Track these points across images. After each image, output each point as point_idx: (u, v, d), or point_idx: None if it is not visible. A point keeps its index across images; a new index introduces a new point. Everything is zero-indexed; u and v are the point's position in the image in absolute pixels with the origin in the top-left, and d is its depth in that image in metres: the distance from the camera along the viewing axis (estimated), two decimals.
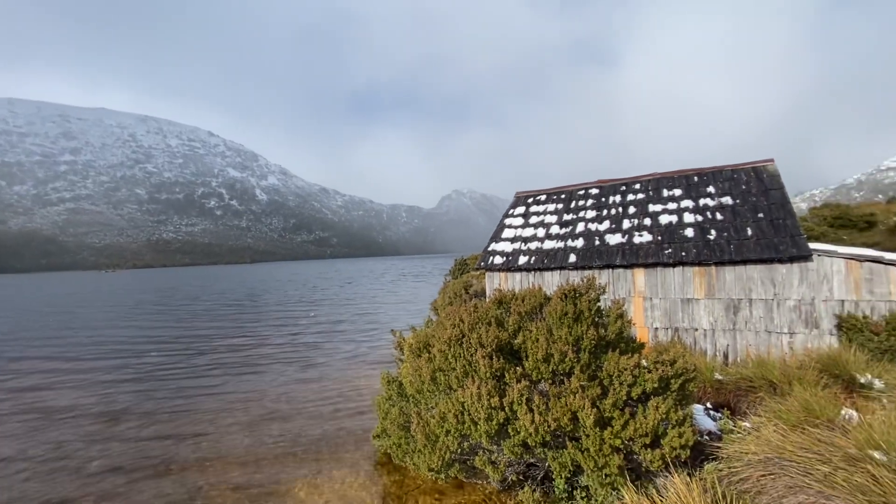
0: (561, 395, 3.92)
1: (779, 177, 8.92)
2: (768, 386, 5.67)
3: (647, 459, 3.48)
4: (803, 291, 7.15)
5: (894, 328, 6.07)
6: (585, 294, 4.72)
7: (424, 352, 5.30)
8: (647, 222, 9.26)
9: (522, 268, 10.12)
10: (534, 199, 12.43)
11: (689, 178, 10.04)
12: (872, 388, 5.54)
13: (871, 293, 6.71)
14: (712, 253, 7.80)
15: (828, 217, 17.58)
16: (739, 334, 7.62)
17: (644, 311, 8.47)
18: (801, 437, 3.68)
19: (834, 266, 6.96)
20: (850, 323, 6.49)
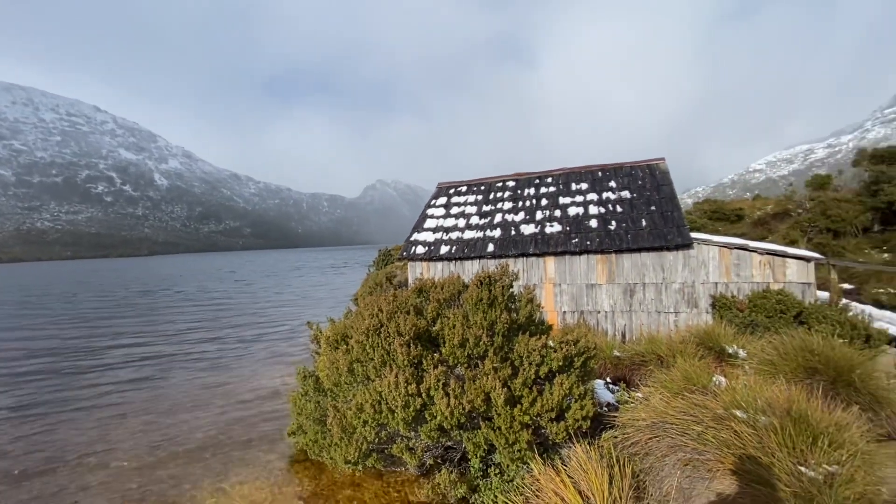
0: (476, 377, 4.05)
1: (668, 174, 9.99)
2: (657, 360, 6.38)
3: (552, 432, 3.73)
4: (686, 275, 8.13)
5: (755, 305, 7.15)
6: (499, 281, 4.90)
7: (342, 344, 5.16)
8: (558, 214, 9.87)
9: (444, 257, 10.26)
10: (455, 190, 12.63)
11: (595, 173, 10.86)
12: (738, 357, 6.47)
13: (738, 276, 7.83)
14: (613, 242, 8.55)
15: (707, 211, 20.15)
16: (635, 315, 8.47)
17: (554, 296, 9.05)
18: (681, 402, 4.18)
19: (710, 253, 8.00)
20: (722, 302, 7.52)
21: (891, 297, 9.75)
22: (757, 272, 7.69)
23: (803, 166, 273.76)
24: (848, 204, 14.39)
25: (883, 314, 8.97)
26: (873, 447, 3.37)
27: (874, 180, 14.58)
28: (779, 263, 7.56)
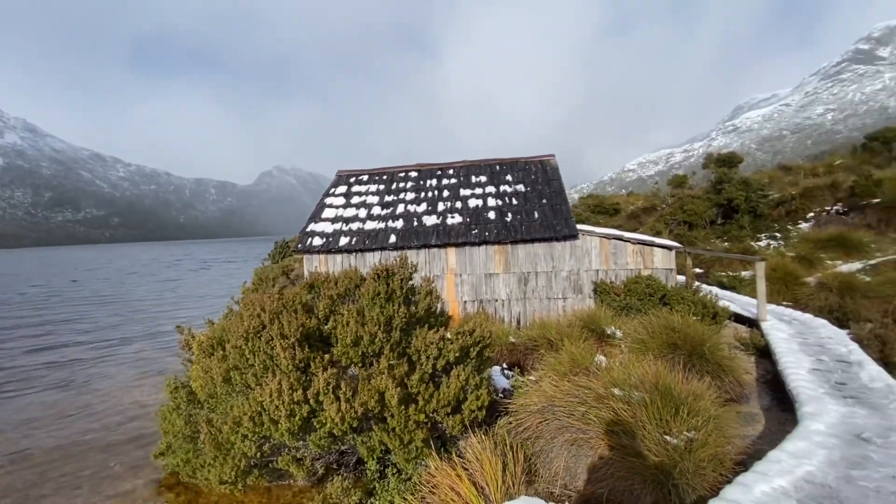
0: (371, 377, 3.83)
1: (558, 170, 10.66)
2: (548, 344, 6.77)
3: (449, 426, 3.68)
4: (572, 264, 8.77)
5: (629, 290, 7.96)
6: (398, 273, 4.71)
7: (217, 350, 4.55)
8: (459, 205, 9.97)
9: (344, 249, 9.76)
10: (356, 178, 12.10)
11: (493, 166, 11.19)
12: (615, 337, 7.13)
13: (615, 263, 8.65)
14: (509, 233, 8.88)
15: (590, 205, 22.23)
16: (529, 302, 8.94)
17: (455, 286, 9.16)
18: (568, 385, 4.43)
19: (592, 243, 8.72)
20: (602, 288, 8.25)
21: (730, 278, 11.66)
22: (630, 260, 8.59)
23: (665, 167, 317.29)
24: (699, 200, 16.91)
25: (724, 293, 10.65)
26: (722, 411, 3.88)
27: (718, 180, 17.31)
28: (647, 252, 8.53)
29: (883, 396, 4.19)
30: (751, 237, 15.20)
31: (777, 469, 3.01)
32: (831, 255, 11.74)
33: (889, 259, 9.71)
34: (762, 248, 14.11)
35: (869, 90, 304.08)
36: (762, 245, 14.54)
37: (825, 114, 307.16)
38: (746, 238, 15.06)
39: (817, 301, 8.99)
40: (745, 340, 7.06)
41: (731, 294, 10.43)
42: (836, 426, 3.66)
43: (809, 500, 2.68)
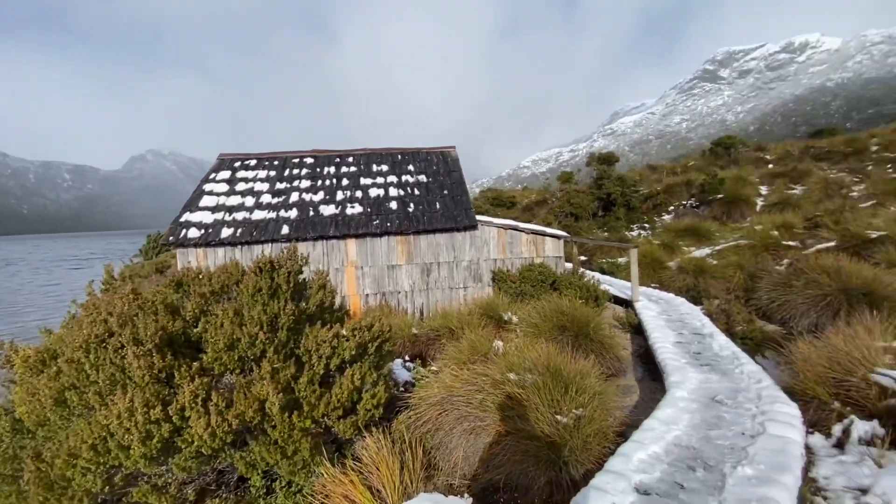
0: (251, 384, 3.38)
1: (458, 161, 10.77)
2: (449, 333, 6.78)
3: (341, 430, 3.40)
4: (473, 254, 8.94)
5: (523, 277, 8.34)
6: (284, 266, 4.25)
7: (50, 365, 3.68)
8: (359, 195, 9.55)
9: (227, 241, 8.75)
10: (242, 163, 10.93)
11: (394, 155, 10.92)
12: (512, 323, 7.40)
13: (511, 252, 9.01)
14: (411, 223, 8.73)
15: (490, 198, 23.16)
16: (431, 293, 8.91)
17: (356, 279, 8.77)
18: (467, 373, 4.42)
19: (491, 233, 8.96)
20: (500, 276, 8.53)
21: (609, 264, 12.96)
22: (525, 249, 9.02)
23: (555, 165, 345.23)
24: (583, 195, 18.55)
25: (604, 278, 11.78)
26: (605, 386, 4.17)
27: (599, 177, 19.13)
28: (540, 241, 9.03)
29: (730, 363, 4.88)
30: (625, 227, 17.08)
31: (651, 436, 3.29)
32: (687, 242, 13.66)
33: (730, 245, 11.59)
34: (634, 237, 15.94)
35: (713, 104, 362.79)
36: (634, 234, 16.43)
37: (681, 122, 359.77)
38: (622, 228, 16.89)
39: (677, 282, 10.36)
40: (621, 319, 7.83)
41: (609, 278, 11.55)
42: (696, 391, 4.16)
43: (678, 463, 2.96)
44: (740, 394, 4.03)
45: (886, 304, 6.59)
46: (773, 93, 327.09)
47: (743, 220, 14.92)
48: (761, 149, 22.90)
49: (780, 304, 7.68)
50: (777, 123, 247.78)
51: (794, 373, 4.22)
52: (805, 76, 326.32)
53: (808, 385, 3.92)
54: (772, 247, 11.01)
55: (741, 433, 3.31)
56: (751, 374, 4.44)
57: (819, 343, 4.45)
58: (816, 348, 4.32)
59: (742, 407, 3.75)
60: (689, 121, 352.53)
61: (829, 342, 4.43)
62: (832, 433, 3.53)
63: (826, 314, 6.92)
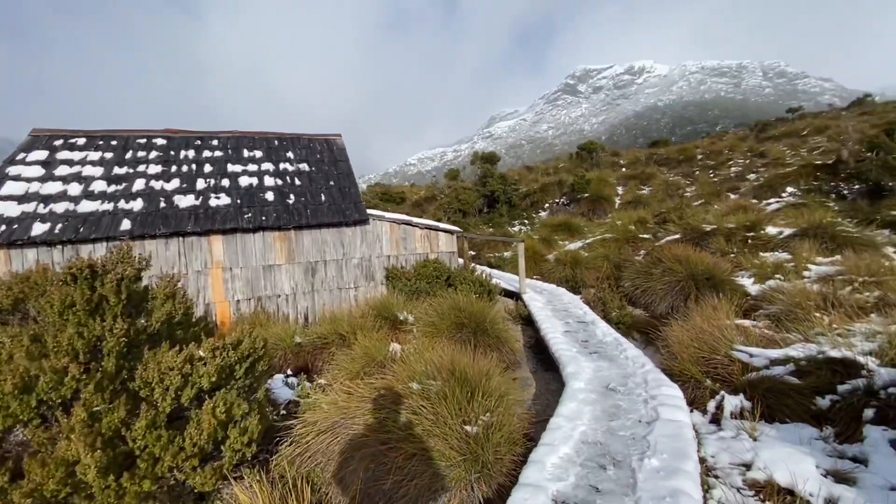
0: (55, 440, 2.39)
1: (345, 150, 9.98)
2: (339, 339, 6.10)
3: (198, 483, 2.61)
4: (364, 250, 8.31)
5: (419, 273, 8.00)
6: (113, 271, 3.20)
7: None
8: (226, 183, 8.20)
9: (39, 240, 6.77)
10: (66, 141, 8.64)
11: (271, 141, 9.68)
12: (408, 323, 7.00)
13: (405, 248, 8.60)
14: (292, 217, 7.75)
15: (378, 193, 22.48)
16: (318, 295, 8.05)
17: (224, 283, 7.49)
18: (363, 388, 3.87)
19: (383, 228, 8.44)
20: (394, 273, 8.07)
21: (496, 259, 13.39)
22: (419, 245, 8.69)
23: (440, 164, 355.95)
24: (469, 191, 19.03)
25: (492, 272, 12.10)
26: (509, 386, 4.00)
27: (483, 175, 19.81)
28: (434, 236, 8.79)
29: (614, 349, 5.15)
30: (508, 223, 17.96)
31: (560, 436, 3.16)
32: (561, 236, 14.81)
33: (597, 238, 12.83)
34: (516, 233, 16.82)
35: (574, 115, 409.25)
36: (516, 230, 17.35)
37: (548, 130, 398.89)
38: (505, 224, 17.71)
39: (557, 273, 11.07)
40: (512, 312, 7.99)
41: (497, 272, 11.90)
42: (592, 381, 4.23)
43: (589, 463, 2.86)
44: (629, 379, 4.21)
45: (725, 287, 7.78)
46: (619, 108, 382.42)
47: (605, 216, 16.74)
48: (616, 154, 26.18)
49: (643, 290, 8.62)
50: (622, 135, 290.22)
51: (671, 354, 4.58)
52: (642, 96, 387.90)
53: (685, 366, 4.26)
54: (631, 239, 12.45)
55: (639, 420, 3.38)
56: (634, 358, 4.71)
57: (687, 325, 4.91)
58: (686, 331, 4.75)
59: (634, 393, 3.89)
60: (555, 129, 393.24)
61: (695, 324, 4.92)
62: (707, 409, 3.84)
63: (679, 297, 7.94)
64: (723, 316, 6.41)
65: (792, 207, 12.55)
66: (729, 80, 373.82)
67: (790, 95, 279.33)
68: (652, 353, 5.67)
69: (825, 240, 9.14)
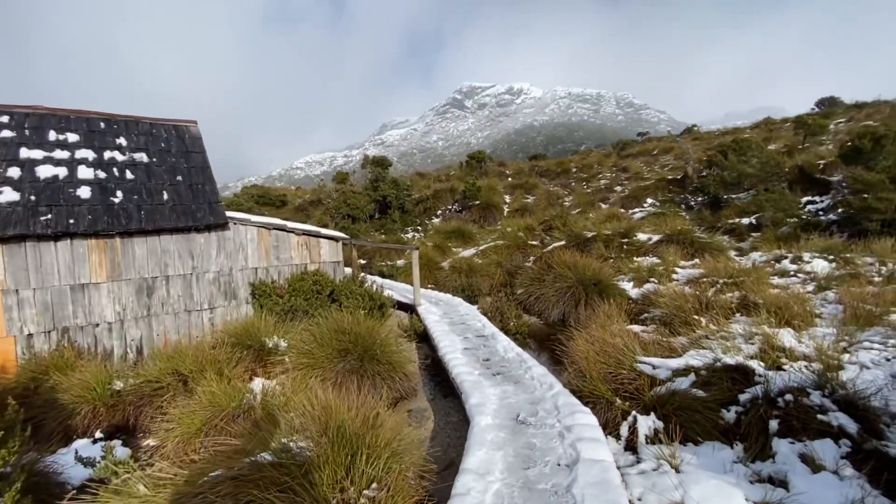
0: None
1: (201, 140, 8.20)
2: (178, 381, 4.63)
3: None
4: (222, 262, 6.75)
5: (294, 289, 6.73)
6: None
7: None
8: (16, 173, 6.00)
9: None
10: None
11: (94, 122, 7.48)
12: (278, 350, 5.73)
13: (278, 259, 7.24)
14: (116, 220, 5.92)
15: (254, 195, 19.97)
16: (156, 320, 6.27)
17: (4, 311, 5.35)
18: (199, 461, 2.68)
19: (248, 234, 6.98)
20: (262, 289, 6.67)
21: (388, 267, 12.49)
22: (296, 253, 7.39)
23: (330, 168, 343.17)
24: (360, 195, 17.85)
25: (385, 282, 11.19)
26: (403, 433, 3.14)
27: (375, 179, 18.81)
28: (314, 244, 7.57)
29: (518, 367, 4.64)
30: (401, 230, 17.21)
31: None
32: (455, 243, 14.54)
33: (490, 245, 12.76)
34: (410, 239, 16.15)
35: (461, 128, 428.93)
36: (409, 236, 16.69)
37: (438, 141, 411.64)
38: (398, 230, 16.94)
39: (452, 282, 10.60)
40: (406, 327, 7.18)
41: (390, 282, 11.03)
42: (499, 412, 3.61)
43: None
44: (539, 406, 3.68)
45: (611, 291, 7.99)
46: (501, 125, 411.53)
47: (496, 223, 17.00)
48: (502, 165, 27.29)
49: (536, 297, 8.52)
50: (504, 149, 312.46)
51: (578, 372, 4.19)
52: (521, 115, 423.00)
53: (594, 385, 3.88)
54: (521, 246, 12.61)
55: (558, 464, 2.81)
56: (541, 378, 4.24)
57: (589, 336, 4.61)
58: (590, 344, 4.43)
59: (546, 424, 3.35)
60: (444, 140, 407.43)
61: (597, 336, 4.65)
62: (621, 434, 3.46)
63: (571, 303, 7.96)
64: (615, 323, 6.44)
65: (653, 216, 14.01)
66: (590, 106, 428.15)
67: (636, 123, 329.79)
68: (554, 366, 5.35)
69: (686, 245, 10.14)
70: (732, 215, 12.76)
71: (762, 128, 25.68)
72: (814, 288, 6.81)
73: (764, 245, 9.86)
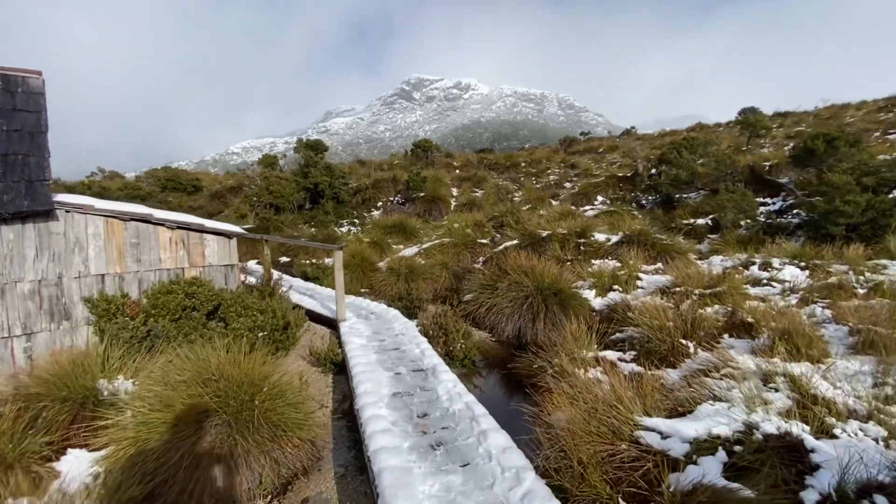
0: None
1: (41, 96, 5.90)
2: None
3: None
4: (45, 267, 4.67)
5: (156, 305, 4.80)
6: None
7: None
8: None
9: None
10: None
11: None
12: (118, 400, 3.87)
13: (139, 262, 5.23)
14: None
15: (161, 178, 17.00)
16: None
17: None
18: None
19: (91, 227, 4.93)
20: (105, 307, 4.68)
21: (314, 268, 10.61)
22: (168, 255, 5.42)
23: None
24: (286, 182, 15.62)
25: (308, 286, 9.35)
26: None
27: (305, 164, 16.63)
28: (196, 242, 5.63)
29: (468, 431, 3.18)
30: (335, 223, 15.27)
31: None
32: (396, 239, 12.91)
33: (434, 243, 11.28)
34: (344, 234, 14.27)
35: (409, 120, 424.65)
36: (344, 230, 14.79)
37: (385, 132, 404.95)
38: (331, 223, 14.98)
39: (389, 286, 9.00)
40: (320, 353, 5.48)
41: (314, 286, 9.23)
42: None
43: None
44: None
45: (572, 302, 6.80)
46: (449, 119, 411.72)
47: (441, 217, 15.54)
48: (450, 156, 25.89)
49: (487, 307, 7.17)
50: (452, 144, 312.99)
51: (560, 451, 2.79)
52: (468, 110, 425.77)
53: (588, 476, 2.50)
54: (470, 244, 11.26)
55: None
56: (502, 458, 2.81)
57: (569, 387, 3.24)
58: (571, 398, 3.07)
59: None
60: (392, 131, 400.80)
61: (576, 382, 3.30)
62: None
63: (528, 316, 6.67)
64: (585, 347, 5.20)
65: (606, 214, 13.24)
66: (534, 105, 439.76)
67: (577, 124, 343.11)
68: (516, 419, 3.97)
69: (647, 247, 9.27)
70: (686, 215, 12.24)
71: (697, 131, 26.26)
72: (797, 301, 6.00)
73: (726, 248, 9.21)
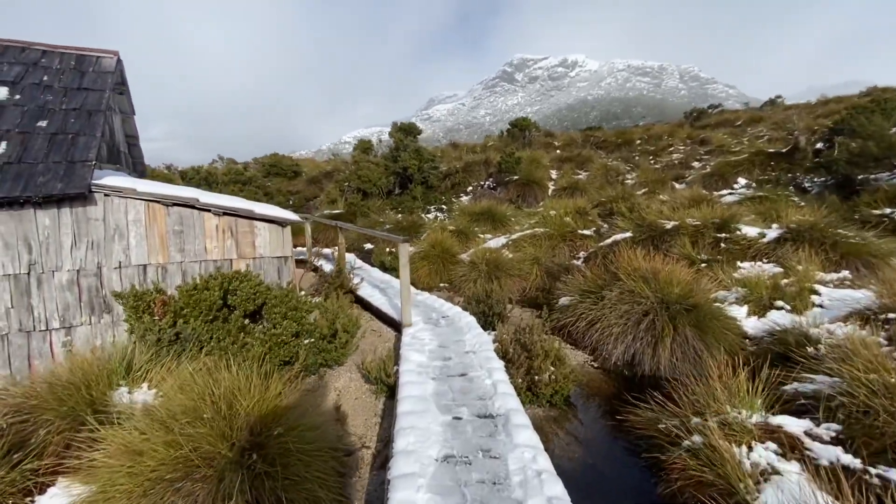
0: None
1: (110, 76, 5.69)
2: None
3: None
4: (85, 256, 4.30)
5: (189, 303, 4.17)
6: None
7: None
8: None
9: None
10: None
11: None
12: (133, 410, 3.23)
13: (183, 252, 4.70)
14: None
15: (265, 165, 17.85)
16: None
17: None
18: None
19: (131, 213, 4.45)
20: (133, 303, 4.16)
21: (392, 258, 9.82)
22: (214, 245, 4.83)
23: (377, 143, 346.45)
24: (374, 167, 15.19)
25: (385, 277, 8.56)
26: None
27: (395, 148, 16.05)
28: (245, 229, 4.96)
29: None
30: (422, 209, 14.46)
31: None
32: (483, 227, 11.62)
33: (526, 233, 9.74)
34: (431, 221, 13.37)
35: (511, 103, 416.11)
36: (431, 217, 13.90)
37: (486, 116, 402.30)
38: (418, 209, 14.20)
39: (469, 284, 7.77)
40: (371, 369, 4.45)
41: (390, 279, 8.38)
42: None
43: None
44: None
45: (713, 323, 4.89)
46: (553, 100, 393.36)
47: (537, 203, 13.82)
48: (550, 135, 23.62)
49: (589, 321, 5.55)
50: (555, 125, 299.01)
51: None
52: (574, 89, 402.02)
53: None
54: (568, 236, 9.50)
55: None
56: None
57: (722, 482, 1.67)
58: None
59: None
60: (492, 115, 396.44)
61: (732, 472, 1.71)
62: None
63: (647, 338, 4.94)
64: (746, 405, 3.41)
65: (752, 201, 10.38)
66: (651, 79, 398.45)
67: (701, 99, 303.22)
68: None
69: (823, 247, 6.69)
70: (879, 203, 8.90)
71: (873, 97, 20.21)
72: None
73: None
